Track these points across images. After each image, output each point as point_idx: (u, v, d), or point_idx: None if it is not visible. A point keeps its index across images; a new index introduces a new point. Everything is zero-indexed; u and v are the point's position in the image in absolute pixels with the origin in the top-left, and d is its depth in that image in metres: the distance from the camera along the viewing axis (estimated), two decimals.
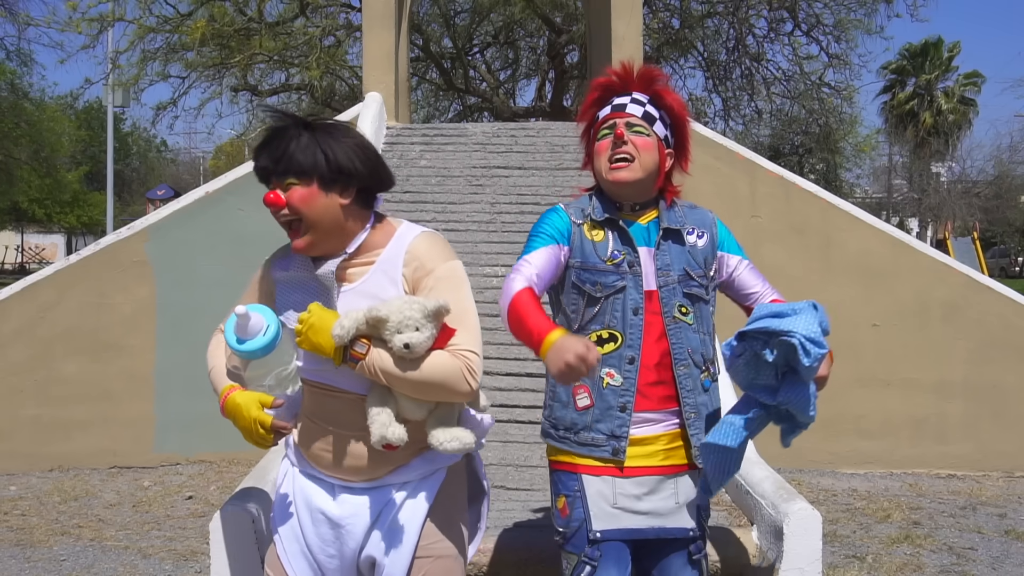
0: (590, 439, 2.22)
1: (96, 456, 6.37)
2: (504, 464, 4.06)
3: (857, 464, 6.43)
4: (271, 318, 2.03)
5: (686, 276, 2.28)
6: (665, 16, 14.98)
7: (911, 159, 34.37)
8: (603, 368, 2.22)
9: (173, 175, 40.36)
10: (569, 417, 2.26)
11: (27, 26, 15.27)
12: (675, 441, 2.25)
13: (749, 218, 6.55)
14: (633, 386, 2.22)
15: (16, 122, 21.51)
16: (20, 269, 35.89)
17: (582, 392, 2.24)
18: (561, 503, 2.25)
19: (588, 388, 2.24)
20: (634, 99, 2.30)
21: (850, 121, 18.78)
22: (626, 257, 2.25)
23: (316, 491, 2.08)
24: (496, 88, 17.30)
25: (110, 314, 6.41)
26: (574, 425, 2.25)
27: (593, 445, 2.22)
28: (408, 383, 1.92)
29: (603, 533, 2.19)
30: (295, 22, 13.86)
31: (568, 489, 2.24)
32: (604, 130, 2.29)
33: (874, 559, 4.50)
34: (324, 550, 2.06)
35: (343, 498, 2.06)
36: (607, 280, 2.24)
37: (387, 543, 2.02)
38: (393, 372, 1.92)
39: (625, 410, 2.21)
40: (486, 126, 7.38)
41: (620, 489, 2.21)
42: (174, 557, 4.53)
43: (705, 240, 2.35)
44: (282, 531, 2.11)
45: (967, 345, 6.45)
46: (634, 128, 2.26)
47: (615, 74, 2.33)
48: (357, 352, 1.92)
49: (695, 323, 2.28)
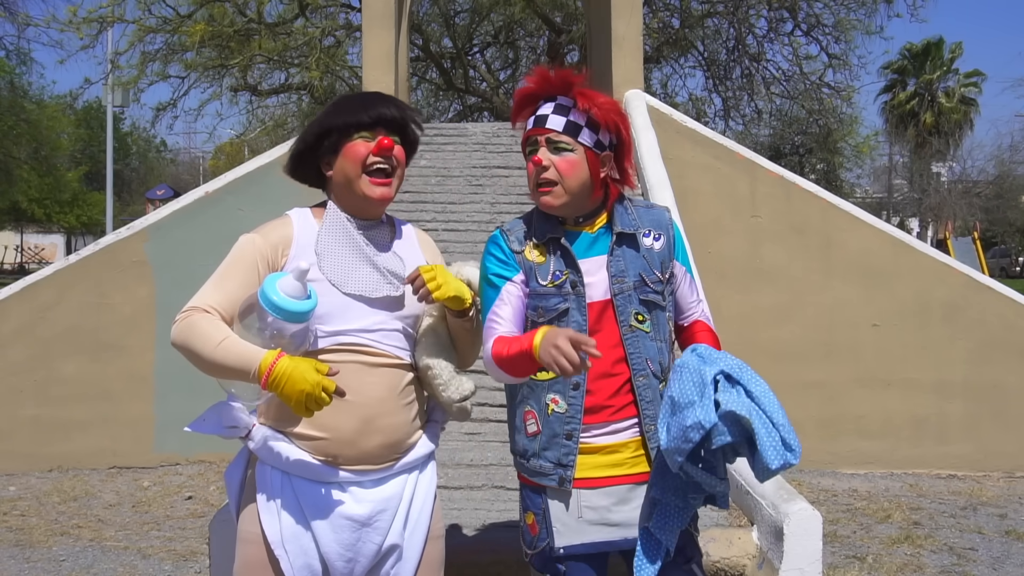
0: (538, 467, 2.16)
1: (96, 456, 6.37)
2: (504, 464, 4.05)
3: (857, 464, 6.43)
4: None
5: (641, 282, 2.18)
6: (665, 16, 14.98)
7: (911, 159, 34.37)
8: (548, 394, 2.16)
9: (173, 175, 40.34)
10: (521, 443, 2.21)
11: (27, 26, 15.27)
12: (640, 449, 2.18)
13: (749, 218, 6.54)
14: (579, 413, 2.14)
15: (16, 121, 21.50)
16: (20, 269, 35.88)
17: (531, 419, 2.18)
18: (530, 519, 2.19)
19: (536, 415, 2.18)
20: (557, 106, 2.16)
21: (850, 121, 18.78)
22: (568, 277, 2.16)
23: (330, 497, 2.02)
24: (496, 88, 17.29)
25: (110, 314, 6.41)
26: (525, 451, 2.20)
27: (541, 473, 2.16)
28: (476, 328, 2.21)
29: (566, 549, 2.13)
30: (295, 22, 13.85)
31: (535, 506, 2.18)
32: (529, 147, 2.19)
33: (874, 559, 4.50)
34: (342, 555, 2.03)
35: (361, 496, 2.05)
36: (549, 304, 2.16)
37: (407, 530, 2.11)
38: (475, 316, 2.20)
39: (571, 438, 2.13)
40: (486, 126, 7.37)
41: (586, 502, 2.14)
42: (174, 557, 4.53)
43: (662, 243, 2.24)
44: (289, 545, 2.01)
45: (967, 345, 6.44)
46: (556, 145, 2.13)
47: (533, 80, 2.19)
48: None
49: (652, 331, 2.19)
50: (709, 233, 6.38)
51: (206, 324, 2.00)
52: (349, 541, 2.03)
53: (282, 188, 2.24)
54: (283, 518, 2.02)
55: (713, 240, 6.40)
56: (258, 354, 1.91)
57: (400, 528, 2.09)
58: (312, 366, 1.90)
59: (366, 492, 2.05)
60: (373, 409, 2.05)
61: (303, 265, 1.94)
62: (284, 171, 2.21)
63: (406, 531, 2.10)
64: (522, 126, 2.23)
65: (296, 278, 1.93)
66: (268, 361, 1.89)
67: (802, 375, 6.34)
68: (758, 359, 6.98)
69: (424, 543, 2.13)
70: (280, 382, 1.88)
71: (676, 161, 6.37)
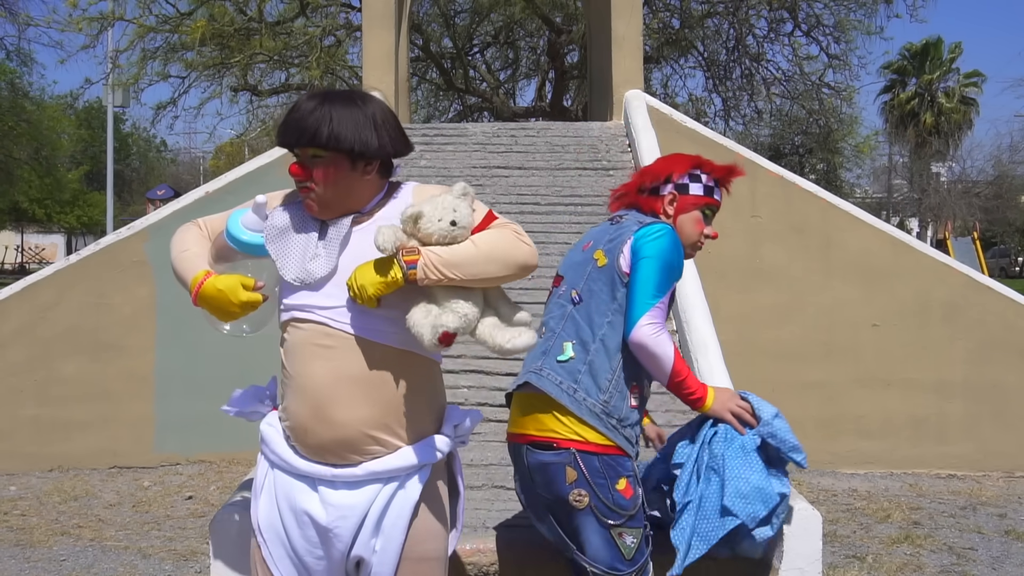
0: (632, 436, 2.39)
1: (96, 456, 6.37)
2: (504, 464, 4.05)
3: (857, 464, 6.43)
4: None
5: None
6: (665, 16, 14.96)
7: (911, 159, 34.36)
8: (647, 382, 2.45)
9: (173, 175, 40.33)
10: (624, 410, 2.38)
11: (27, 26, 15.27)
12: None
13: (749, 218, 6.54)
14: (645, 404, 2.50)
15: (16, 121, 21.50)
16: (20, 269, 35.86)
17: (635, 393, 2.40)
18: (623, 484, 2.34)
19: (638, 392, 2.41)
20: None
21: (850, 121, 18.78)
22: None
23: (300, 492, 2.02)
24: (496, 88, 17.29)
25: (110, 314, 6.41)
26: (626, 419, 2.38)
27: (629, 442, 2.38)
28: (471, 263, 1.90)
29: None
30: (295, 22, 13.84)
31: (627, 470, 2.37)
32: (710, 212, 2.57)
33: (874, 559, 4.50)
34: (311, 552, 2.02)
35: (327, 498, 2.00)
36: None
37: (375, 545, 2.00)
38: (454, 258, 1.89)
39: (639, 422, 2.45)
40: (486, 126, 7.37)
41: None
42: (174, 557, 4.53)
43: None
44: (266, 534, 2.06)
45: (967, 345, 6.44)
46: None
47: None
48: (410, 257, 1.87)
49: None
50: None
51: (183, 234, 2.13)
52: (315, 539, 2.02)
53: (282, 188, 2.24)
54: (262, 505, 2.08)
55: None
56: (192, 272, 2.02)
57: (367, 541, 2.00)
58: (238, 283, 1.97)
59: (332, 494, 2.00)
60: (321, 396, 1.96)
61: (259, 199, 2.02)
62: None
63: (376, 546, 2.00)
64: (715, 192, 2.57)
65: (253, 211, 2.02)
66: (195, 280, 2.00)
67: (802, 375, 6.35)
68: (758, 359, 7.02)
69: (397, 564, 1.99)
70: (209, 301, 1.98)
71: None
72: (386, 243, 1.86)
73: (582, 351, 2.39)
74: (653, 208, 2.52)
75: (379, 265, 1.90)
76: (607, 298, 2.40)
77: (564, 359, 2.39)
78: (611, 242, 2.44)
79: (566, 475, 2.33)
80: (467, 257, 1.90)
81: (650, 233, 2.39)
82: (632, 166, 6.26)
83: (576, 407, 2.34)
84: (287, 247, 2.02)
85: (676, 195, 2.52)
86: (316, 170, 1.96)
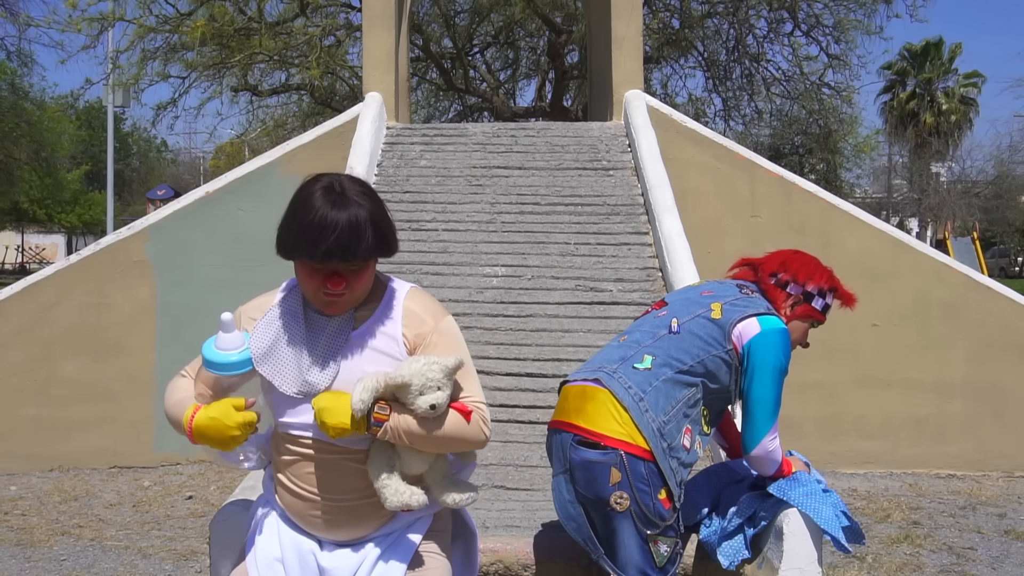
0: (678, 468, 2.44)
1: (96, 456, 6.37)
2: (504, 464, 4.06)
3: (857, 464, 6.43)
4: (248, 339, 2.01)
5: None
6: (665, 16, 14.96)
7: (911, 159, 34.36)
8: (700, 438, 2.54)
9: (173, 175, 40.36)
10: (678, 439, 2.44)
11: (27, 26, 15.26)
12: None
13: (749, 218, 6.55)
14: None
15: (16, 122, 21.49)
16: (20, 269, 35.86)
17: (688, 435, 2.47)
18: (664, 494, 2.38)
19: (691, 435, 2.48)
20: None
21: (850, 121, 18.76)
22: None
23: (304, 539, 2.07)
24: (496, 88, 17.28)
25: (110, 314, 6.41)
26: (677, 449, 2.44)
27: (672, 473, 2.42)
28: (430, 440, 1.96)
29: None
30: (295, 22, 13.84)
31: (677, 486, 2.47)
32: (815, 324, 2.73)
33: (874, 559, 4.51)
34: None
35: (331, 549, 2.05)
36: None
37: None
38: (417, 432, 1.94)
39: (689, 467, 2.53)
40: (486, 126, 7.37)
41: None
42: (174, 557, 4.54)
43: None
44: (262, 566, 2.05)
45: (967, 345, 6.45)
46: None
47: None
48: (381, 415, 1.92)
49: None
50: (709, 233, 6.38)
51: (170, 387, 2.12)
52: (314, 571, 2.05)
53: (282, 188, 2.24)
54: (259, 535, 2.10)
55: (713, 240, 6.40)
56: (183, 412, 2.01)
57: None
58: (230, 406, 1.97)
59: (336, 547, 2.07)
60: (319, 502, 2.02)
61: (225, 317, 1.97)
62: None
63: None
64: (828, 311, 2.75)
65: (222, 331, 1.97)
66: (187, 417, 2.00)
67: (802, 375, 6.31)
68: None
69: None
70: (205, 432, 1.97)
71: (676, 161, 6.37)
72: (365, 406, 1.90)
73: (660, 369, 2.44)
74: (775, 299, 2.62)
75: (347, 411, 1.92)
76: (702, 343, 2.48)
77: (641, 367, 2.43)
78: (734, 306, 2.52)
79: (610, 476, 2.33)
80: (430, 437, 1.96)
81: (773, 331, 2.52)
82: (632, 166, 6.26)
83: (637, 414, 2.36)
84: (280, 365, 2.01)
85: (801, 300, 2.63)
86: (351, 278, 1.95)
